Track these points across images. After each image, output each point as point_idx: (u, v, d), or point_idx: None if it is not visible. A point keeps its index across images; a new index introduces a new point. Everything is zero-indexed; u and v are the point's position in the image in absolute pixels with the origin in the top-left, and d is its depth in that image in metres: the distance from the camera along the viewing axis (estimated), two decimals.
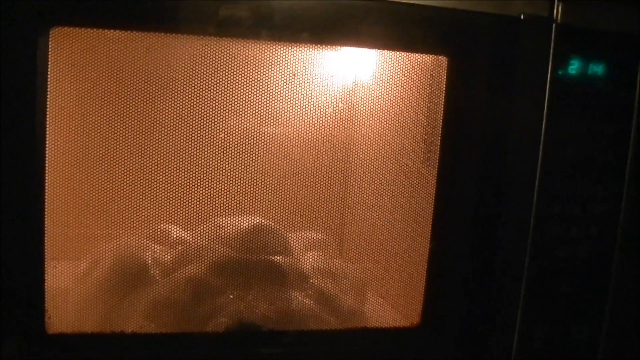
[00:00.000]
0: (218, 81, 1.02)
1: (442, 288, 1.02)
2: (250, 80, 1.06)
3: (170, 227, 1.15)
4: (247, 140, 1.11)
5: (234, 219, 1.10)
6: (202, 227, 1.11)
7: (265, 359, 1.00)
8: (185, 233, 1.15)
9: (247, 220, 1.10)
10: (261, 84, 1.08)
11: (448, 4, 0.94)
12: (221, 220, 1.10)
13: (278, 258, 1.10)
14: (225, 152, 1.07)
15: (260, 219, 1.11)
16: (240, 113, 1.08)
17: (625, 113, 1.01)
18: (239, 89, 1.05)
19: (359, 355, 1.03)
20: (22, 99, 0.82)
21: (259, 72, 1.07)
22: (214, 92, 1.03)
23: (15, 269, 0.85)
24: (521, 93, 0.96)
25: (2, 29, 0.80)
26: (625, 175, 1.02)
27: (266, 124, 1.13)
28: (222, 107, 1.04)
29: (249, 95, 1.07)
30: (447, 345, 1.03)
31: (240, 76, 1.04)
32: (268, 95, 1.09)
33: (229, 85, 1.03)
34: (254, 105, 1.09)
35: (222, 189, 1.06)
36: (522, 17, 0.95)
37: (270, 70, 1.07)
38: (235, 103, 1.06)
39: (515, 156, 0.97)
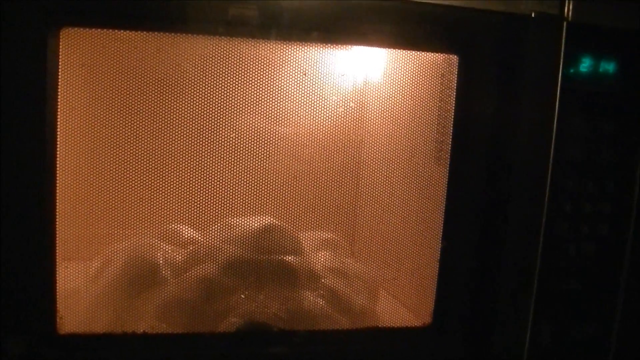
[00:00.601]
0: (228, 81, 1.02)
1: (454, 287, 1.01)
2: (261, 79, 1.06)
3: (181, 227, 1.15)
4: (258, 140, 1.11)
5: (245, 219, 1.10)
6: (213, 227, 1.11)
7: (277, 359, 0.99)
8: (197, 233, 1.15)
9: (258, 221, 1.10)
10: (272, 83, 1.08)
11: (459, 2, 0.94)
12: (232, 220, 1.09)
13: (289, 258, 1.09)
14: (236, 152, 1.07)
15: (271, 219, 1.11)
16: (251, 113, 1.08)
17: (636, 111, 1.00)
18: (250, 88, 1.05)
19: (370, 355, 1.03)
20: (32, 99, 0.83)
21: (269, 72, 1.07)
22: (225, 92, 1.03)
23: (27, 270, 0.86)
24: (532, 91, 0.96)
25: (13, 30, 0.80)
26: (636, 174, 1.01)
27: (277, 123, 1.13)
28: (232, 107, 1.04)
29: (260, 95, 1.07)
30: (459, 344, 1.03)
31: (250, 76, 1.04)
32: (279, 95, 1.09)
33: (239, 85, 1.03)
34: (265, 105, 1.09)
35: (234, 189, 1.06)
36: (532, 15, 0.95)
37: (280, 69, 1.07)
38: (246, 103, 1.06)
39: (526, 155, 0.97)
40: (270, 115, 1.12)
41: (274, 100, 1.09)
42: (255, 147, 1.10)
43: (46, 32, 0.82)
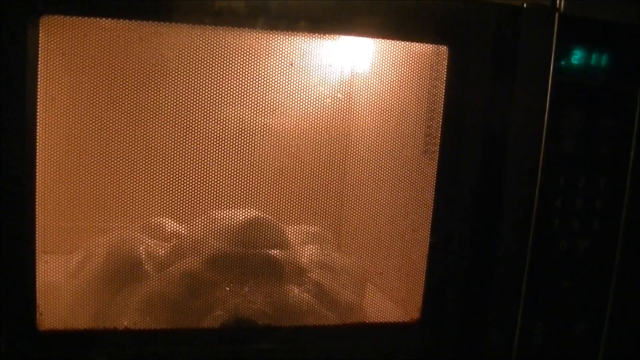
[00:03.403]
0: (213, 71, 1.01)
1: (443, 282, 1.01)
2: (247, 70, 1.05)
3: (164, 220, 1.14)
4: (243, 131, 1.09)
5: (230, 212, 1.08)
6: (197, 221, 1.10)
7: (262, 355, 0.98)
8: (180, 226, 1.14)
9: (244, 214, 1.09)
10: (258, 74, 1.06)
11: None
12: (217, 213, 1.08)
13: (275, 252, 1.09)
14: (221, 143, 1.06)
15: (257, 212, 1.10)
16: (237, 104, 1.07)
17: (628, 105, 1.00)
18: (235, 79, 1.03)
19: (357, 351, 1.02)
20: (11, 89, 0.81)
21: (255, 62, 1.06)
22: (210, 83, 1.02)
23: (6, 263, 0.84)
24: (523, 84, 0.95)
25: None
26: (627, 169, 1.01)
27: (263, 115, 1.12)
28: (217, 98, 1.03)
29: (245, 86, 1.06)
30: (447, 340, 1.02)
31: (236, 66, 1.03)
32: (265, 86, 1.08)
33: (224, 75, 1.02)
34: (251, 96, 1.08)
35: (218, 182, 1.05)
36: (525, 6, 0.94)
37: (267, 59, 1.06)
38: (231, 94, 1.04)
39: (517, 148, 0.96)
40: (255, 106, 1.10)
41: (259, 91, 1.08)
42: (240, 139, 1.08)
43: (25, 21, 0.80)
